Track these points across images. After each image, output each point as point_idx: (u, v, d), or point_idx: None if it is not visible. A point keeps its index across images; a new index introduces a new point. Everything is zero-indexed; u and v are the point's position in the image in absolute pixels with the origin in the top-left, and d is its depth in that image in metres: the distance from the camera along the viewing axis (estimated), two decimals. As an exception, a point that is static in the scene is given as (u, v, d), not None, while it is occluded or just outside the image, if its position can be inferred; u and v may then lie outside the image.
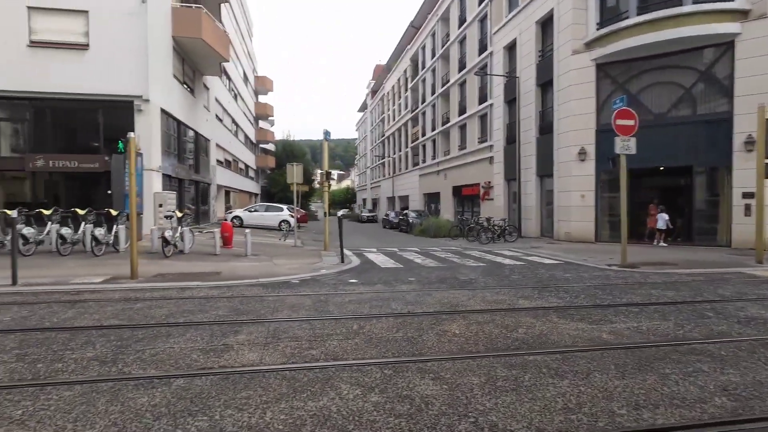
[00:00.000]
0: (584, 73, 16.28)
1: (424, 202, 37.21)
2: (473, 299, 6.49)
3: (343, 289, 7.24)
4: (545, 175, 18.70)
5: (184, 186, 19.97)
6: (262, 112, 47.86)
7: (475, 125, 26.26)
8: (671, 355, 4.06)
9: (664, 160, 15.06)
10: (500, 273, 9.14)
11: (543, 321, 5.24)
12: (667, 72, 15.10)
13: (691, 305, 6.13)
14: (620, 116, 9.98)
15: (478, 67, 25.26)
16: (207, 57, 20.13)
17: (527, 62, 19.86)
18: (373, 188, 62.80)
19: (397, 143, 47.63)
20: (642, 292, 7.04)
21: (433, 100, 33.91)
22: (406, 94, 43.00)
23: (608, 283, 7.97)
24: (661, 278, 8.46)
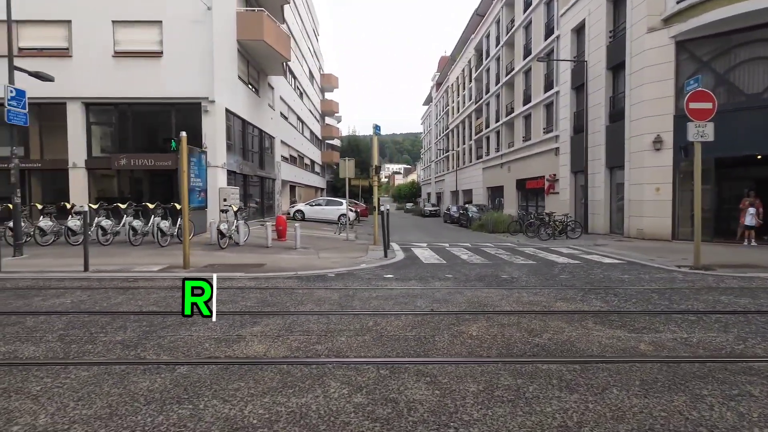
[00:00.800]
0: (662, 52, 14.67)
1: (487, 197, 36.07)
2: (506, 299, 6.12)
3: (374, 284, 7.19)
4: (616, 167, 17.21)
5: (249, 181, 21.12)
6: (327, 109, 49.20)
7: (540, 115, 24.85)
8: (717, 373, 3.50)
9: (759, 147, 13.15)
10: (548, 272, 8.55)
11: (575, 326, 4.79)
12: (763, 46, 13.12)
13: (766, 316, 5.28)
14: (694, 99, 8.83)
15: (544, 53, 23.84)
16: (269, 57, 21.02)
17: (596, 44, 18.34)
18: (437, 182, 62.12)
19: (460, 136, 46.58)
20: (707, 298, 6.20)
21: (497, 90, 32.62)
22: (470, 85, 41.83)
23: (670, 287, 7.13)
24: (738, 283, 7.41)
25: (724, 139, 13.62)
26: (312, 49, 43.17)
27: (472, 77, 40.50)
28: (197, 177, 13.00)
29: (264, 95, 23.29)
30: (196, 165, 12.91)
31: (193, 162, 13.02)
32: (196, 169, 13.07)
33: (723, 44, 13.75)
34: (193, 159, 13.14)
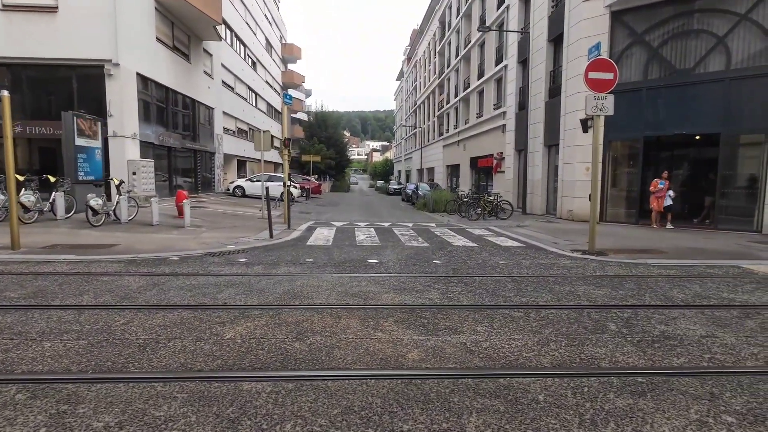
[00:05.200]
0: (597, 22, 13.81)
1: (447, 175, 35.38)
2: (333, 290, 5.31)
3: (206, 270, 6.30)
4: (553, 145, 16.54)
5: (177, 154, 19.75)
6: (290, 81, 47.24)
7: (492, 90, 23.95)
8: (468, 391, 2.76)
9: (685, 126, 12.57)
10: (429, 257, 7.80)
11: (368, 326, 4.01)
12: (697, 18, 12.39)
13: (608, 311, 4.60)
14: (594, 68, 8.02)
15: (496, 24, 22.76)
16: (197, 20, 19.39)
17: (540, 15, 17.39)
18: (406, 160, 61.17)
19: (425, 112, 45.48)
20: (563, 289, 5.51)
21: (457, 63, 31.49)
22: (435, 60, 40.52)
23: (541, 274, 6.44)
24: (616, 270, 6.78)
25: (652, 117, 13.08)
26: (270, 16, 40.95)
27: (436, 51, 39.17)
28: (86, 147, 11.76)
29: (197, 62, 21.68)
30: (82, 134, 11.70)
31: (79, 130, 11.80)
32: (83, 139, 11.83)
33: (657, 15, 12.96)
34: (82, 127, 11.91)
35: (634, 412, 2.60)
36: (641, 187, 13.55)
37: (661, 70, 13.08)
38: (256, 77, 35.25)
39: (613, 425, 2.45)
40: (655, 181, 12.57)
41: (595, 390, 2.86)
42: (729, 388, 2.92)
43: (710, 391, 2.88)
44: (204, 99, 22.71)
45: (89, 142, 12.15)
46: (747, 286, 5.84)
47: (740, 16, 11.69)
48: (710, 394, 2.84)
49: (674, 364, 3.31)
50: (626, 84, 13.52)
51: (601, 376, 3.07)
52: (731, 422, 2.51)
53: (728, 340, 3.84)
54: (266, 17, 38.84)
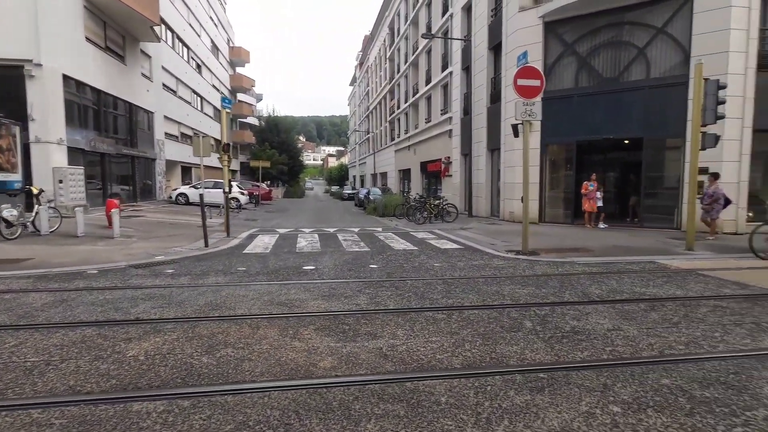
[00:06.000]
0: (532, 32, 14.45)
1: (399, 180, 35.71)
2: (260, 300, 5.16)
3: (125, 283, 5.95)
4: (495, 149, 17.08)
5: (110, 160, 18.67)
6: (238, 85, 46.06)
7: (439, 96, 24.48)
8: (372, 398, 2.72)
9: (613, 131, 13.37)
10: (367, 261, 7.79)
11: (287, 335, 3.91)
12: (619, 30, 13.25)
13: (527, 310, 4.75)
14: (522, 75, 8.37)
15: (442, 32, 23.30)
16: (133, 19, 18.50)
17: (481, 23, 17.98)
18: (360, 165, 61.25)
19: (378, 118, 45.78)
20: (493, 290, 5.65)
21: (406, 69, 31.95)
22: (385, 65, 40.91)
23: (474, 275, 6.58)
24: (545, 269, 7.06)
25: (584, 122, 13.81)
26: (216, 18, 39.82)
27: (387, 57, 39.56)
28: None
29: (134, 64, 20.66)
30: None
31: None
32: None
33: (586, 26, 13.74)
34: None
35: (529, 408, 2.67)
36: (575, 189, 14.23)
37: (590, 78, 13.85)
38: (202, 81, 34.09)
39: (507, 422, 2.50)
40: (585, 183, 13.24)
41: (497, 388, 2.92)
42: (621, 379, 3.08)
43: (604, 383, 3.01)
44: (142, 102, 21.66)
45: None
46: (658, 281, 6.24)
47: (657, 30, 12.61)
48: (603, 386, 2.97)
49: (577, 358, 3.45)
50: (560, 91, 14.23)
51: (506, 374, 3.15)
52: (617, 412, 2.63)
53: (631, 332, 4.06)
54: (211, 19, 37.72)
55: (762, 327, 4.22)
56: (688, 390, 2.91)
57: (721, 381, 3.05)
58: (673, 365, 3.32)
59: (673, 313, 4.66)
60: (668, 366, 3.31)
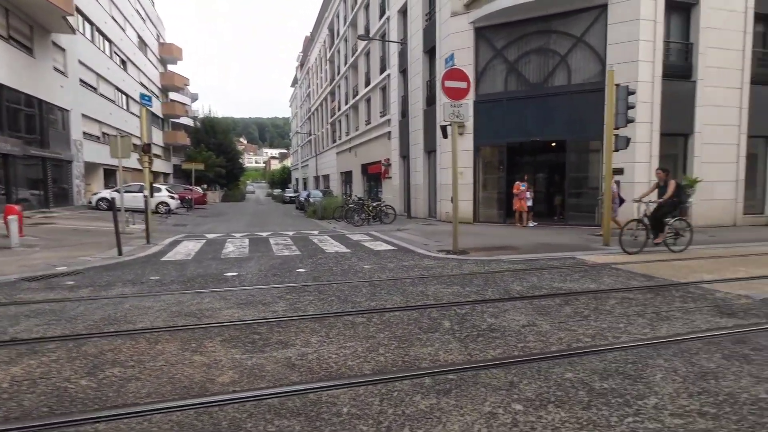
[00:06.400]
0: (463, 37, 14.83)
1: (341, 182, 35.42)
2: (167, 311, 4.74)
3: (10, 298, 5.28)
4: (432, 151, 17.35)
5: (15, 162, 16.82)
6: (170, 83, 43.59)
7: (378, 98, 24.55)
8: (268, 413, 2.49)
9: (540, 133, 14.00)
10: (295, 266, 7.50)
11: (185, 349, 3.58)
12: (544, 38, 13.92)
13: (448, 309, 4.73)
14: (449, 77, 8.48)
15: (379, 34, 23.39)
16: (39, 8, 16.83)
17: (416, 27, 18.23)
18: (302, 167, 60.21)
19: (319, 120, 45.23)
20: (418, 290, 5.60)
21: (346, 71, 31.78)
22: (326, 67, 40.50)
23: (402, 276, 6.52)
24: (475, 268, 7.15)
25: (514, 125, 14.36)
26: (144, 12, 37.43)
27: (327, 58, 39.19)
28: None
29: (44, 57, 18.82)
30: None
31: None
32: None
33: (514, 33, 14.30)
34: None
35: (433, 412, 2.58)
36: (507, 190, 14.76)
37: (518, 83, 14.43)
38: (128, 77, 31.85)
39: (408, 430, 2.39)
40: (516, 183, 13.76)
41: (404, 394, 2.81)
42: (528, 375, 3.08)
43: (511, 381, 3.00)
44: (55, 99, 19.79)
45: None
46: (576, 275, 6.51)
47: (577, 39, 13.38)
48: (510, 384, 2.95)
49: (489, 357, 3.44)
50: (491, 95, 14.71)
51: (415, 378, 3.05)
52: (518, 410, 2.61)
53: (544, 327, 4.14)
54: (138, 12, 35.40)
55: (661, 316, 4.47)
56: (589, 383, 2.97)
57: (620, 371, 3.15)
58: (578, 358, 3.39)
59: (584, 307, 4.83)
60: (574, 359, 3.37)
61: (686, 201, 10.07)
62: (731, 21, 13.08)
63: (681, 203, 9.13)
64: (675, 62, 13.22)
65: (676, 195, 8.57)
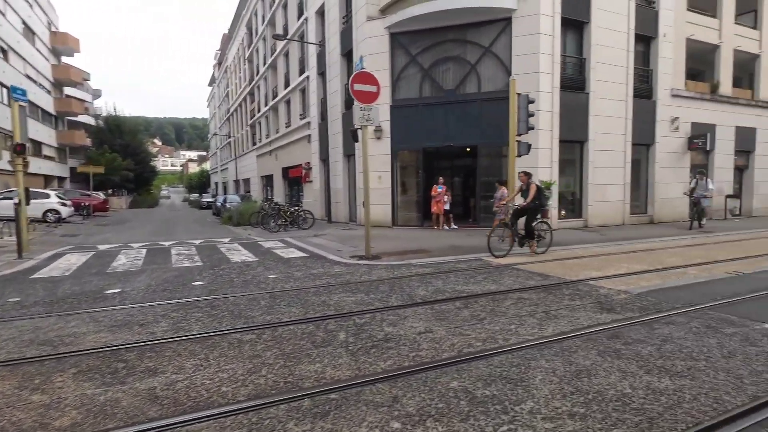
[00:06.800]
0: (379, 42, 14.90)
1: (262, 186, 34.11)
2: (17, 339, 4.04)
3: None
4: (351, 155, 17.22)
5: None
6: (65, 77, 39.09)
7: (298, 100, 23.96)
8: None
9: (454, 139, 14.44)
10: (193, 278, 6.91)
11: (23, 387, 3.02)
12: (456, 46, 14.41)
13: (348, 319, 4.55)
14: (359, 80, 8.38)
15: (298, 35, 22.85)
16: None
17: (333, 29, 18.02)
18: (222, 171, 57.26)
19: (239, 121, 43.30)
20: (320, 300, 5.37)
21: (265, 72, 30.68)
22: (244, 66, 38.85)
23: (307, 285, 6.24)
24: (384, 273, 7.07)
25: (430, 130, 14.65)
26: (30, -5, 33.20)
27: (246, 57, 37.63)
28: None
29: None
30: None
31: None
32: None
33: (427, 40, 14.62)
34: None
35: (303, 441, 2.36)
36: (425, 193, 15.03)
37: (433, 89, 14.78)
38: (9, 69, 28.04)
39: (270, 466, 2.14)
40: (434, 186, 14.07)
41: (276, 421, 2.56)
42: (414, 388, 2.98)
43: (395, 395, 2.87)
44: None
45: None
46: (479, 277, 6.68)
47: (485, 49, 14.01)
48: (393, 399, 2.82)
49: (378, 370, 3.29)
50: (407, 99, 14.92)
51: (293, 401, 2.80)
52: (396, 428, 2.47)
53: (440, 333, 4.11)
54: (23, -4, 31.33)
55: (550, 315, 4.66)
56: (472, 391, 2.93)
57: (503, 376, 3.16)
58: (467, 365, 3.37)
59: (482, 309, 4.91)
60: (462, 366, 3.34)
61: (546, 204, 10.31)
62: (616, 40, 14.50)
63: (542, 206, 9.25)
64: (571, 75, 14.34)
65: (537, 198, 8.71)
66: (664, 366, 3.31)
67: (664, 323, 4.34)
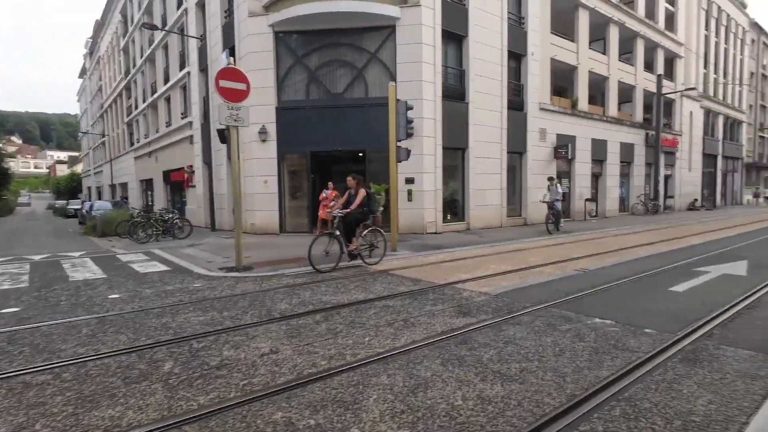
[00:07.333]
0: (263, 40, 14.16)
1: (141, 191, 30.76)
2: None
3: None
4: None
5: None
6: None
7: (178, 97, 22.00)
8: None
9: (342, 143, 14.25)
10: (6, 304, 5.66)
11: None
12: (343, 50, 14.27)
13: (183, 345, 3.96)
14: (225, 76, 7.72)
15: (177, 27, 20.98)
16: None
17: (215, 24, 16.83)
18: (96, 174, 50.70)
19: (114, 118, 38.70)
20: (161, 323, 4.67)
21: (143, 65, 27.76)
22: (119, 58, 34.83)
23: (152, 306, 5.44)
24: (250, 286, 6.50)
25: (318, 134, 14.28)
26: None
27: (121, 48, 33.75)
28: None
29: None
30: None
31: None
32: None
33: (314, 42, 14.27)
34: None
35: None
36: (314, 199, 14.59)
37: (320, 92, 14.44)
38: None
39: None
40: (324, 191, 13.69)
41: (19, 499, 1.96)
42: (228, 426, 2.56)
43: (199, 440, 2.43)
44: None
45: None
46: (351, 285, 6.45)
47: (371, 54, 14.07)
48: (195, 445, 2.38)
49: (192, 408, 2.81)
50: (294, 101, 14.39)
51: (59, 465, 2.21)
52: (182, 487, 2.04)
53: (285, 353, 3.74)
54: None
55: (408, 323, 4.55)
56: (296, 422, 2.60)
57: (337, 399, 2.89)
58: (301, 389, 3.04)
59: (342, 321, 4.65)
60: (295, 392, 3.00)
61: (377, 209, 9.64)
62: (492, 55, 15.57)
63: (371, 212, 8.58)
64: (453, 85, 15.04)
65: (366, 204, 8.11)
66: (500, 370, 3.32)
67: (511, 324, 4.47)
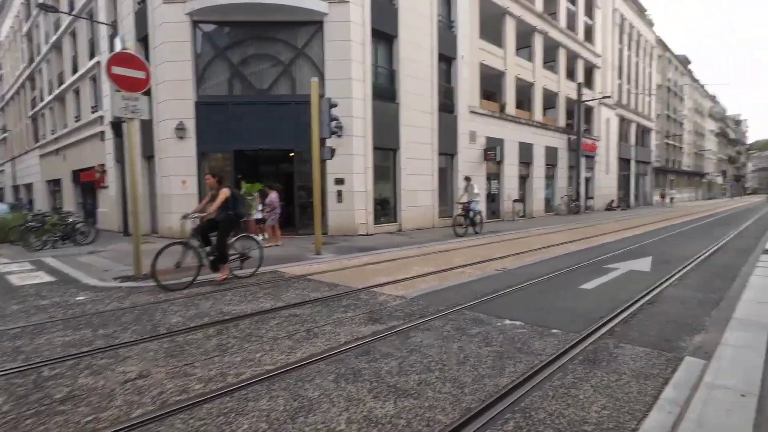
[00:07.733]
0: (180, 28, 13.13)
1: (49, 193, 27.75)
2: None
3: None
4: (151, 156, 14.89)
5: None
6: None
7: (88, 89, 20.01)
8: None
9: (268, 142, 13.53)
10: None
11: None
12: (269, 44, 13.59)
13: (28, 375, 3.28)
14: (119, 62, 6.92)
15: (86, 12, 19.07)
16: None
17: (127, 10, 15.44)
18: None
19: (17, 112, 34.67)
20: (4, 348, 3.91)
21: (48, 53, 25.02)
22: (22, 45, 31.22)
23: (12, 326, 4.62)
24: (144, 298, 5.79)
25: (242, 132, 13.47)
26: None
27: (24, 33, 30.27)
28: None
29: None
30: None
31: None
32: None
33: (237, 34, 13.48)
34: None
35: None
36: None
37: (243, 87, 13.64)
38: None
39: None
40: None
41: None
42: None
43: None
44: None
45: None
46: (261, 293, 5.94)
47: (299, 50, 13.52)
48: None
49: (4, 459, 2.24)
50: (215, 96, 13.49)
51: None
52: None
53: (156, 377, 3.21)
54: None
55: (311, 334, 4.17)
56: (135, 468, 2.13)
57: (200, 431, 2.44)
58: (157, 423, 2.56)
59: (238, 334, 4.17)
60: (149, 428, 2.52)
61: (245, 213, 8.14)
62: (422, 56, 15.61)
63: (240, 216, 7.05)
64: (383, 85, 14.87)
65: (232, 206, 6.64)
66: (397, 384, 3.04)
67: (421, 330, 4.23)
